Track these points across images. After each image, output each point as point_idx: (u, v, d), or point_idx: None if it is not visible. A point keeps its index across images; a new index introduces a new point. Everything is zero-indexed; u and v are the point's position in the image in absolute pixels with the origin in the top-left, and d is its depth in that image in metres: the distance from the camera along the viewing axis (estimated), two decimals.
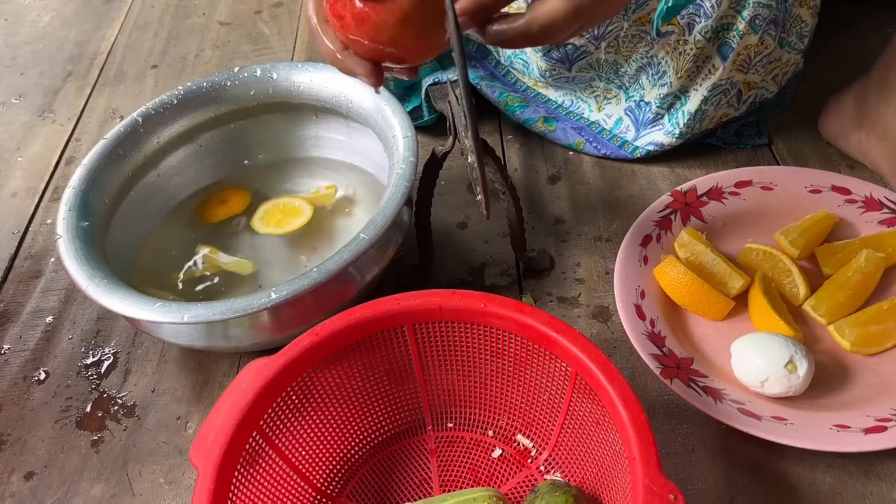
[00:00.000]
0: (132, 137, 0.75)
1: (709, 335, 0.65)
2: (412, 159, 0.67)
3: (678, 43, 0.73)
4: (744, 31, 0.70)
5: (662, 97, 0.76)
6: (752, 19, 0.69)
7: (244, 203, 0.79)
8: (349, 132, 0.81)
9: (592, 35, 0.74)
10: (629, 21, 0.72)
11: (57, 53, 1.13)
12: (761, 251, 0.68)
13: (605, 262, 0.73)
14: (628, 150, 0.80)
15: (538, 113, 0.84)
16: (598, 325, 0.68)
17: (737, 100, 0.76)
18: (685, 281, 0.65)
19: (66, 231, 0.65)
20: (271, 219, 0.77)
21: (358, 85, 0.74)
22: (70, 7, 1.24)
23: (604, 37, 0.74)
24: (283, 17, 1.14)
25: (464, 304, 0.56)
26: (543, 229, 0.77)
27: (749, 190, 0.72)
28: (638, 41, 0.74)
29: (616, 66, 0.77)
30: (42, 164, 0.94)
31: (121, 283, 0.62)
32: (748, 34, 0.70)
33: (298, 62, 0.79)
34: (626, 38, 0.74)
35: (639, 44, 0.74)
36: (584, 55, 0.76)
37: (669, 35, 0.72)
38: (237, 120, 0.81)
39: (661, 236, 0.70)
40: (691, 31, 0.71)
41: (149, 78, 1.06)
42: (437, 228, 0.72)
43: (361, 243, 0.61)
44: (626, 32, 0.73)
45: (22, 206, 0.89)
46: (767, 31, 0.70)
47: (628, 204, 0.78)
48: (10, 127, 1.01)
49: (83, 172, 0.70)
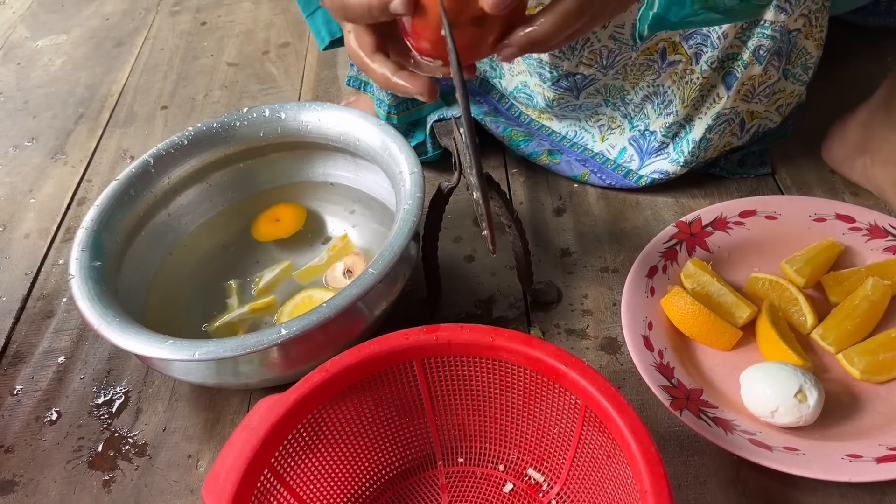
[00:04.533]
0: (143, 178, 0.76)
1: (717, 365, 0.65)
2: (419, 195, 0.67)
3: (685, 72, 0.74)
4: (748, 61, 0.71)
5: (668, 126, 0.77)
6: (756, 50, 0.70)
7: (298, 221, 0.80)
8: (357, 169, 0.82)
9: (601, 64, 0.75)
10: (638, 51, 0.74)
11: (69, 96, 1.16)
12: (767, 280, 0.68)
13: (613, 293, 0.73)
14: (633, 179, 0.81)
15: (542, 146, 0.85)
16: (606, 357, 0.68)
17: (740, 129, 0.77)
18: (692, 311, 0.65)
19: (79, 271, 0.66)
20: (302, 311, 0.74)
21: (365, 123, 0.76)
22: (81, 51, 1.27)
23: (612, 65, 0.75)
24: (289, 56, 1.16)
25: (472, 339, 0.56)
26: (550, 261, 0.77)
27: (753, 219, 0.73)
28: (646, 69, 0.75)
29: (622, 93, 0.78)
30: (54, 206, 0.95)
31: (132, 321, 0.63)
32: (752, 64, 0.71)
33: (306, 102, 0.80)
34: (633, 66, 0.75)
35: (646, 72, 0.76)
36: (592, 82, 0.78)
37: (676, 64, 0.74)
38: (246, 159, 0.82)
39: (668, 267, 0.70)
40: (698, 60, 0.72)
41: (159, 119, 1.08)
42: (444, 262, 0.73)
43: (370, 278, 0.61)
44: (634, 62, 0.75)
45: (35, 246, 0.90)
46: (771, 62, 0.71)
47: (634, 235, 0.78)
48: (24, 169, 1.02)
49: (96, 213, 0.71)
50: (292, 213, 0.80)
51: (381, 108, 0.85)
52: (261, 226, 0.80)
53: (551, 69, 0.77)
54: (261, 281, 0.75)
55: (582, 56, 0.75)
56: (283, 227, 0.80)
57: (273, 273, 0.75)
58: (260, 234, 0.80)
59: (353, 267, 0.72)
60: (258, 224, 0.80)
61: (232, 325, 0.73)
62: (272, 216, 0.81)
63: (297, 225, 0.80)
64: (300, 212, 0.81)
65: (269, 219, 0.80)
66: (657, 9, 0.58)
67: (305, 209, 0.81)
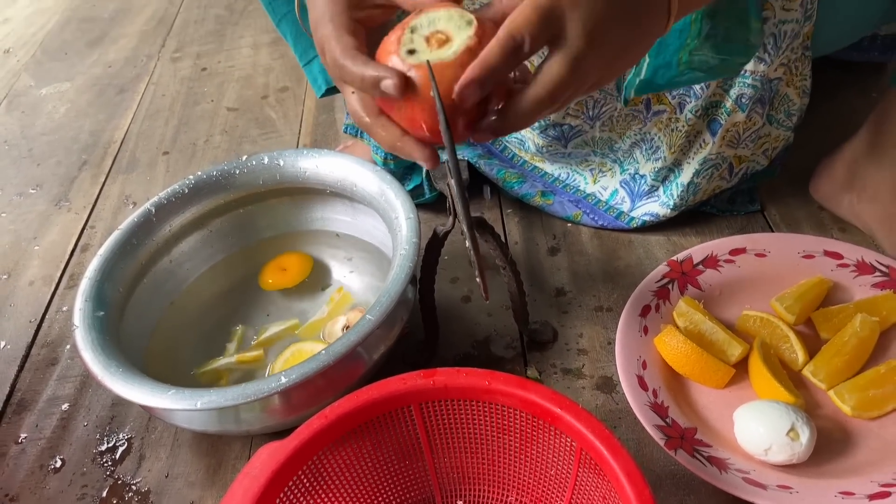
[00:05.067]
0: (145, 227, 0.78)
1: (711, 403, 0.66)
2: (415, 240, 0.69)
3: (670, 120, 0.76)
4: (731, 108, 0.73)
5: (657, 170, 0.79)
6: (738, 98, 0.72)
7: (304, 271, 0.81)
8: (354, 213, 0.84)
9: (587, 115, 0.77)
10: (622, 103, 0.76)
11: (72, 143, 1.18)
12: (759, 318, 0.69)
13: (607, 332, 0.74)
14: (625, 220, 0.83)
15: (535, 187, 0.87)
16: (602, 397, 0.69)
17: (728, 173, 0.78)
18: (685, 350, 0.66)
19: (83, 321, 0.68)
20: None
21: (362, 169, 0.77)
22: (85, 98, 1.29)
23: (598, 117, 0.77)
24: (288, 101, 1.19)
25: (469, 383, 0.57)
26: (545, 301, 0.79)
27: (744, 257, 0.74)
28: (631, 119, 0.77)
29: (610, 143, 0.80)
30: (58, 252, 0.97)
31: (135, 371, 0.64)
32: (735, 112, 0.73)
33: (304, 149, 0.82)
34: (619, 117, 0.77)
35: (632, 122, 0.77)
36: (580, 133, 0.80)
37: (661, 114, 0.76)
38: (246, 205, 0.84)
39: (660, 306, 0.72)
40: (682, 109, 0.74)
41: (160, 164, 1.10)
42: (441, 303, 0.74)
43: (368, 324, 0.63)
44: (619, 112, 0.77)
45: (39, 294, 0.91)
46: (754, 109, 0.73)
47: (627, 273, 0.80)
48: (28, 216, 1.04)
49: (99, 263, 0.73)
50: (298, 263, 0.82)
51: (378, 154, 0.87)
52: (267, 275, 0.82)
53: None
54: (265, 332, 0.76)
55: (568, 108, 0.77)
56: (289, 276, 0.81)
57: (279, 328, 0.76)
58: (266, 284, 0.81)
59: (354, 322, 0.73)
60: (265, 273, 0.82)
61: (218, 372, 0.74)
62: (279, 265, 0.82)
63: (302, 274, 0.81)
64: (306, 261, 0.82)
65: (276, 268, 0.82)
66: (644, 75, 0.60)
67: (312, 259, 0.83)
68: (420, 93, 0.47)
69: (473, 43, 0.46)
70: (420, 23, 0.48)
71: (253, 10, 1.46)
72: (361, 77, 0.47)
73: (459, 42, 0.47)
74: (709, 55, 0.60)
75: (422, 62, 0.47)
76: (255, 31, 1.40)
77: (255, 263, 0.84)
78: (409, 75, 0.47)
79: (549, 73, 0.46)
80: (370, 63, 0.47)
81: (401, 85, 0.46)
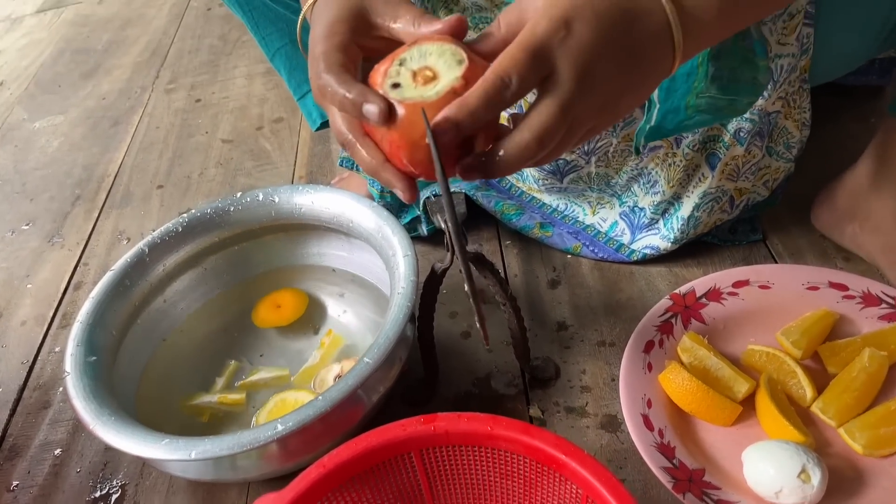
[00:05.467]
0: (139, 266, 0.76)
1: (719, 442, 0.64)
2: (412, 278, 0.68)
3: (667, 155, 0.75)
4: (729, 142, 0.72)
5: (656, 204, 0.78)
6: (736, 132, 0.71)
7: (299, 309, 0.80)
8: (350, 248, 0.83)
9: (582, 150, 0.76)
10: (618, 137, 0.75)
11: (66, 178, 1.17)
12: (764, 353, 0.68)
13: (611, 368, 0.73)
14: (625, 253, 0.82)
15: (534, 219, 0.86)
16: (607, 436, 0.68)
17: (729, 205, 0.77)
18: (691, 388, 0.65)
19: (74, 368, 0.66)
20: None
21: (357, 205, 0.76)
22: (78, 131, 1.28)
23: (594, 152, 0.76)
24: (283, 132, 1.18)
25: (470, 428, 0.56)
26: (547, 336, 0.77)
27: (747, 289, 0.73)
28: (627, 155, 0.76)
29: (607, 178, 0.79)
30: (51, 291, 0.96)
31: (128, 418, 0.62)
32: (734, 146, 0.72)
33: (299, 185, 0.81)
34: (615, 152, 0.76)
35: (629, 157, 0.76)
36: (575, 169, 0.79)
37: (658, 149, 0.75)
38: (241, 242, 0.83)
39: (664, 341, 0.70)
40: (679, 144, 0.73)
41: (154, 198, 1.09)
42: (440, 338, 0.73)
43: (366, 367, 0.61)
44: (615, 148, 0.76)
45: (31, 334, 0.90)
46: (753, 142, 0.73)
47: (628, 306, 0.78)
48: (20, 254, 1.03)
49: (91, 306, 0.72)
50: (293, 301, 0.80)
51: (374, 187, 0.86)
52: (261, 312, 0.80)
53: None
54: (254, 374, 0.75)
55: None
56: (283, 314, 0.80)
57: (268, 375, 0.75)
58: (260, 321, 0.80)
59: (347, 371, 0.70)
60: (259, 310, 0.81)
61: (199, 408, 0.73)
62: (273, 302, 0.81)
63: (297, 312, 0.80)
64: (301, 299, 0.81)
65: (271, 305, 0.80)
66: (654, 122, 0.59)
67: (307, 296, 0.81)
68: (401, 126, 0.46)
69: (459, 85, 0.45)
70: (411, 55, 0.47)
71: (247, 41, 1.46)
72: (343, 96, 0.46)
73: (445, 82, 0.45)
74: (716, 96, 0.58)
75: (403, 99, 0.45)
76: (249, 62, 1.39)
77: (249, 300, 0.83)
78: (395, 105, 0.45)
79: (538, 117, 0.44)
80: (355, 84, 0.46)
81: (385, 113, 0.45)
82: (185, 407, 0.74)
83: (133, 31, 1.58)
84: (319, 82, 0.48)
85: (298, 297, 0.81)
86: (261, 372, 0.75)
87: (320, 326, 0.79)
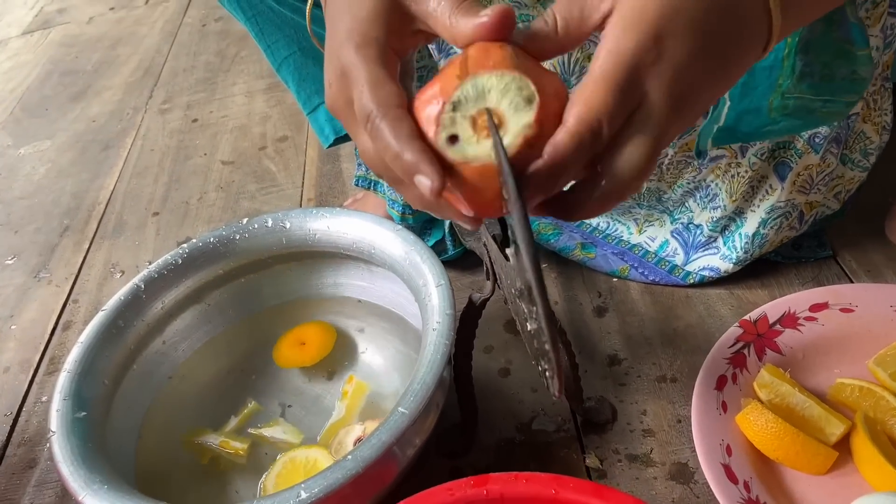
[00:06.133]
0: (133, 305, 0.67)
1: (811, 493, 0.55)
2: (449, 311, 0.59)
3: (730, 166, 0.66)
4: (803, 150, 0.63)
5: (715, 220, 0.69)
6: (811, 137, 0.63)
7: (327, 345, 0.71)
8: (371, 277, 0.74)
9: None
10: (675, 148, 0.66)
11: (53, 207, 1.08)
12: (857, 387, 0.59)
13: (675, 407, 0.64)
14: (679, 275, 0.73)
15: (574, 239, 0.77)
16: (679, 489, 0.58)
17: (798, 221, 0.69)
18: (776, 431, 0.56)
19: (61, 426, 0.57)
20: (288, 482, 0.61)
21: (380, 229, 0.68)
22: (67, 157, 1.20)
23: None
24: (288, 151, 1.09)
25: (530, 491, 0.48)
26: (598, 371, 0.68)
27: (827, 313, 0.64)
28: (684, 167, 0.67)
29: (659, 193, 0.70)
30: (37, 332, 0.86)
31: (123, 485, 0.54)
32: (808, 153, 0.63)
33: (312, 208, 0.72)
34: (671, 165, 0.67)
35: (685, 170, 0.68)
36: None
37: (720, 159, 0.66)
38: (248, 273, 0.74)
39: (738, 376, 0.61)
40: (745, 153, 0.65)
41: (150, 227, 1.00)
42: (476, 376, 0.64)
43: (402, 420, 0.53)
44: (671, 160, 0.67)
45: (15, 382, 0.81)
46: (829, 149, 0.64)
47: (688, 335, 0.70)
48: (4, 291, 0.94)
49: (79, 352, 0.63)
50: (319, 337, 0.71)
51: (395, 209, 0.77)
52: (283, 349, 0.71)
53: None
54: (268, 429, 0.66)
55: None
56: (308, 352, 0.70)
57: (281, 436, 0.65)
58: (282, 360, 0.71)
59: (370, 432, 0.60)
60: (281, 347, 0.71)
61: (200, 448, 0.66)
62: (297, 338, 0.71)
63: (323, 350, 0.70)
64: (328, 334, 0.71)
65: (294, 342, 0.71)
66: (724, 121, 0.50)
67: (335, 330, 0.72)
68: (465, 188, 0.36)
69: (532, 134, 0.35)
70: (465, 94, 0.36)
71: (246, 56, 1.37)
72: (396, 154, 0.36)
73: (515, 131, 0.35)
74: (807, 96, 0.50)
75: (467, 160, 0.36)
76: (248, 78, 1.31)
77: (258, 337, 0.74)
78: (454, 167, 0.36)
79: (630, 160, 0.35)
80: (414, 141, 0.35)
81: (439, 190, 0.35)
82: (187, 443, 0.66)
83: (124, 50, 1.50)
84: (362, 116, 0.38)
85: (325, 333, 0.71)
86: (275, 428, 0.65)
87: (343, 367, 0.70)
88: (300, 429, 0.66)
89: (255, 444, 0.65)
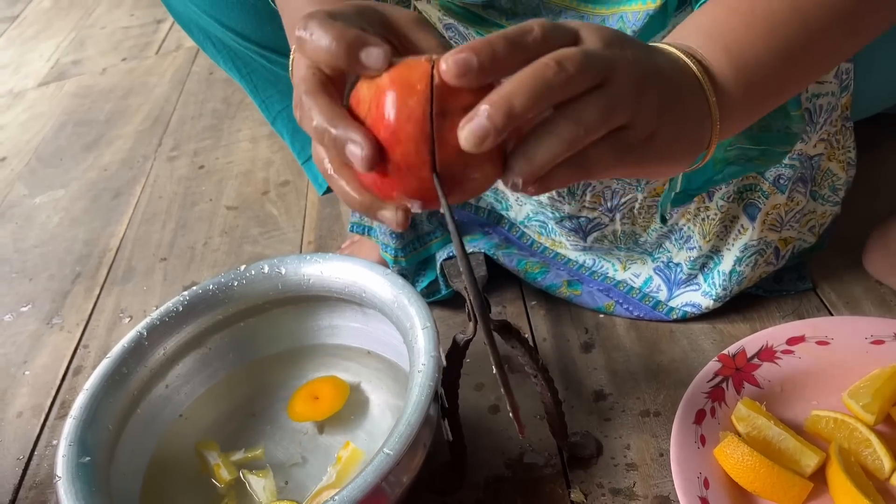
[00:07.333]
0: (136, 353, 0.71)
1: None
2: (434, 353, 0.62)
3: (699, 210, 0.69)
4: (769, 191, 0.66)
5: (693, 259, 0.72)
6: (775, 179, 0.65)
7: (340, 398, 0.72)
8: (365, 319, 0.76)
9: (605, 207, 0.70)
10: (644, 192, 0.69)
11: (66, 254, 1.12)
12: (832, 419, 0.61)
13: (658, 441, 0.66)
14: (663, 311, 0.75)
15: (560, 277, 0.80)
16: None
17: (775, 257, 0.71)
18: (752, 463, 0.57)
19: (66, 471, 0.60)
20: None
21: (370, 273, 0.71)
22: (79, 205, 1.24)
23: (617, 208, 0.70)
24: (290, 195, 1.13)
25: None
26: (583, 407, 0.70)
27: (804, 346, 0.66)
28: (654, 212, 0.70)
29: (634, 237, 0.73)
30: (49, 378, 0.90)
31: None
32: (774, 194, 0.66)
33: (307, 254, 0.76)
34: (641, 209, 0.70)
35: (656, 214, 0.70)
36: (599, 227, 0.72)
37: (687, 205, 0.69)
38: (247, 318, 0.77)
39: (716, 410, 0.63)
40: (711, 198, 0.67)
41: (158, 272, 1.04)
42: (466, 414, 0.66)
43: (387, 461, 0.55)
44: (641, 204, 0.69)
45: (27, 426, 0.84)
46: (795, 188, 0.66)
47: (671, 370, 0.71)
48: (18, 338, 0.98)
49: (85, 399, 0.66)
50: (332, 392, 0.73)
51: (388, 253, 0.80)
52: (297, 404, 0.73)
53: (553, 211, 0.72)
54: (253, 477, 0.68)
55: (584, 200, 0.70)
56: (320, 407, 0.72)
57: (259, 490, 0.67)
58: (296, 415, 0.73)
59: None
60: (294, 402, 0.73)
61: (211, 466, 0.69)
62: (311, 393, 0.73)
63: (335, 405, 0.72)
64: (341, 390, 0.73)
65: (307, 396, 0.73)
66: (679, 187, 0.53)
67: (348, 386, 0.74)
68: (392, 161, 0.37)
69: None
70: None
71: (250, 102, 1.41)
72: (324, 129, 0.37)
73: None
74: (746, 146, 0.53)
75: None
76: (252, 124, 1.35)
77: (257, 377, 0.77)
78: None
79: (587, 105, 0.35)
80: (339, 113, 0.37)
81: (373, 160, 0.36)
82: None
83: (135, 100, 1.56)
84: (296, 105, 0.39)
85: (338, 388, 0.73)
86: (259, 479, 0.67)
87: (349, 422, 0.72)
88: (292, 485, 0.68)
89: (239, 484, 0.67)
